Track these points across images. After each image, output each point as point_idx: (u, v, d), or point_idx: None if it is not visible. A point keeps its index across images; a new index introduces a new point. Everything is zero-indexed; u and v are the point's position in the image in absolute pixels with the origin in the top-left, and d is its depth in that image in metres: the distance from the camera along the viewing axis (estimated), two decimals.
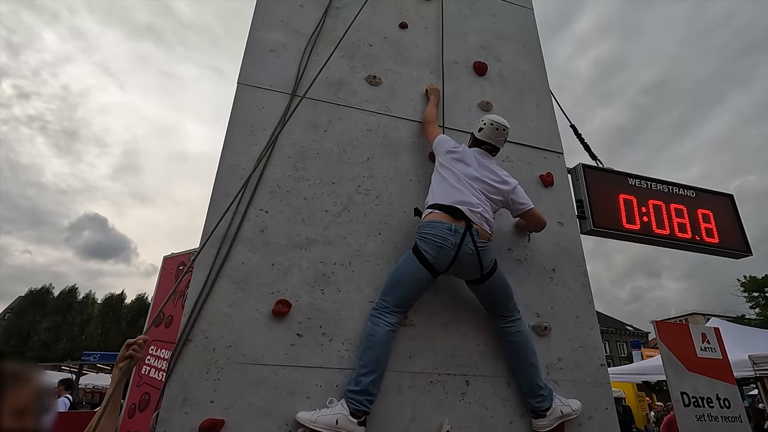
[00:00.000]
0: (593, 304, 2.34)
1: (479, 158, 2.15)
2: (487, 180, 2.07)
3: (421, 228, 1.92)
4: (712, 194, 3.10)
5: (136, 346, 1.29)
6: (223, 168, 2.04)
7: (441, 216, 1.91)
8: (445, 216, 1.90)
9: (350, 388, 1.67)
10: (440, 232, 1.85)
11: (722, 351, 2.67)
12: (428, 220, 1.92)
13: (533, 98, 2.93)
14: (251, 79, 2.30)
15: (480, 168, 2.10)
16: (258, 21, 2.50)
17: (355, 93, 2.48)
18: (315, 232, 2.03)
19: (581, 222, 2.64)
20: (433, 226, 1.88)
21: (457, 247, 1.83)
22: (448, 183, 2.02)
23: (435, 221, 1.89)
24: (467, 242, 1.85)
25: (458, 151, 2.14)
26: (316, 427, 1.58)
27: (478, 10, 3.16)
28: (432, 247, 1.83)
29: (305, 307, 1.86)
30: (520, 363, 1.93)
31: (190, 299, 1.73)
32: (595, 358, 2.17)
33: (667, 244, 2.81)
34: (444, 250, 1.82)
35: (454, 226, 1.86)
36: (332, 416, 1.59)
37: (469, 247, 1.85)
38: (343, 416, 1.59)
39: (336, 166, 2.22)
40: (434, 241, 1.83)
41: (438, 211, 1.93)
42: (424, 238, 1.86)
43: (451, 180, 2.03)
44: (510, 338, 1.96)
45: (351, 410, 1.61)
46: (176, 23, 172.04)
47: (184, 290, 4.05)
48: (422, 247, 1.85)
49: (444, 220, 1.88)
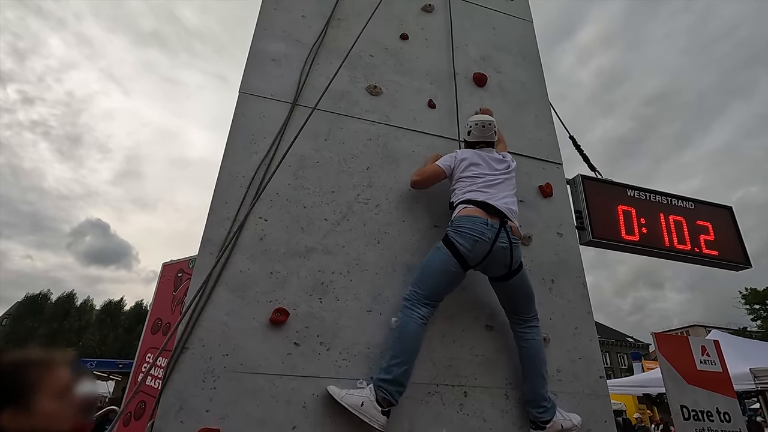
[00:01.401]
0: (592, 315, 2.34)
1: (484, 155, 2.20)
2: (503, 171, 2.15)
3: (457, 221, 1.95)
4: (712, 206, 3.11)
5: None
6: (223, 176, 2.05)
7: (477, 211, 1.95)
8: (481, 211, 1.95)
9: (381, 377, 1.69)
10: (478, 226, 1.89)
11: (722, 364, 2.66)
12: (465, 215, 1.95)
13: (532, 109, 2.95)
14: (253, 89, 2.32)
15: (492, 163, 2.17)
16: (260, 31, 2.53)
17: (356, 103, 2.50)
18: (314, 241, 2.03)
19: (580, 233, 2.65)
20: (471, 220, 1.91)
21: (492, 242, 1.87)
22: (475, 185, 2.07)
23: (472, 215, 1.93)
24: (502, 237, 1.90)
25: (465, 156, 2.18)
26: (342, 403, 1.65)
27: (478, 22, 3.20)
28: (468, 240, 1.86)
29: (303, 316, 1.85)
30: (530, 371, 1.92)
31: (188, 307, 1.73)
32: (594, 370, 2.15)
33: (667, 255, 2.81)
34: (480, 245, 1.87)
35: (490, 222, 1.92)
36: (359, 398, 1.65)
37: (504, 242, 1.90)
38: (369, 401, 1.64)
39: (336, 175, 2.23)
40: (471, 235, 1.87)
41: (472, 206, 1.98)
42: (460, 232, 1.89)
43: (477, 183, 2.07)
44: (524, 344, 1.95)
45: (378, 398, 1.65)
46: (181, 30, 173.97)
47: (183, 297, 4.05)
48: (457, 239, 1.88)
49: (480, 215, 1.93)
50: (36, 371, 0.82)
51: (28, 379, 0.80)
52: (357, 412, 1.62)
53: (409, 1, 3.08)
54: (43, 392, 0.80)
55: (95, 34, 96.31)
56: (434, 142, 2.54)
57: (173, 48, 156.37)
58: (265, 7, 2.63)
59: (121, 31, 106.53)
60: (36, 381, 0.81)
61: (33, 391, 0.79)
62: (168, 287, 4.07)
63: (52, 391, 0.81)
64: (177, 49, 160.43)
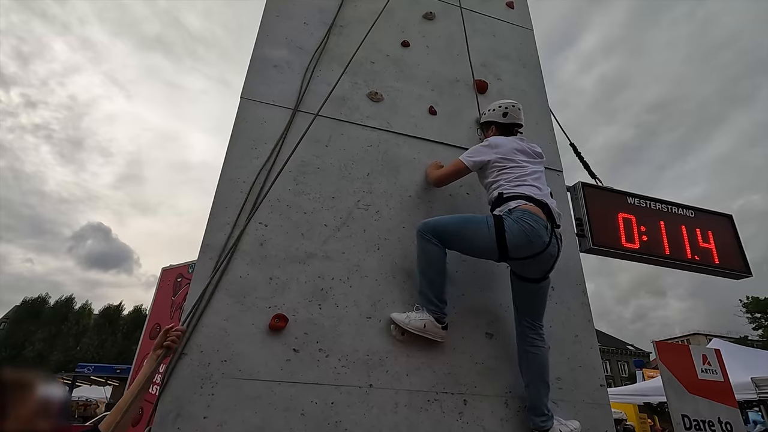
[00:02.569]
0: (593, 323, 2.33)
1: (524, 144, 2.14)
2: (539, 162, 2.13)
3: (520, 214, 1.85)
4: (712, 214, 3.10)
5: (174, 337, 1.28)
6: (223, 181, 2.06)
7: (538, 211, 1.87)
8: (541, 212, 1.87)
9: (426, 304, 1.88)
10: (540, 228, 1.82)
11: (723, 373, 2.64)
12: (529, 210, 1.86)
13: (533, 117, 2.95)
14: (254, 94, 2.33)
15: (531, 153, 2.13)
16: (262, 38, 2.55)
17: (357, 109, 2.51)
18: (314, 247, 2.03)
19: (580, 240, 2.64)
20: (534, 219, 1.83)
21: (545, 247, 1.82)
22: (525, 178, 1.99)
23: (536, 215, 1.85)
24: (554, 244, 1.86)
25: (503, 144, 2.09)
26: (408, 328, 1.85)
27: (478, 30, 3.22)
28: (524, 237, 1.79)
29: (302, 322, 1.85)
30: (536, 378, 1.88)
31: (186, 312, 1.72)
32: (594, 378, 2.14)
33: (667, 263, 2.80)
34: (533, 246, 1.81)
35: (548, 225, 1.86)
36: (421, 321, 1.85)
37: (554, 249, 1.87)
38: (430, 321, 1.85)
39: (336, 181, 2.24)
40: (529, 234, 1.79)
41: (533, 204, 1.89)
42: (520, 224, 1.80)
43: (526, 176, 2.00)
44: (534, 350, 1.92)
45: (434, 317, 1.85)
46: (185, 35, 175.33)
47: (182, 303, 4.04)
48: (511, 229, 1.80)
49: (542, 217, 1.86)
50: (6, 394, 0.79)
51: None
52: (422, 333, 1.85)
53: (411, 9, 3.10)
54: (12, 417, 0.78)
55: (99, 39, 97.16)
56: (435, 148, 2.54)
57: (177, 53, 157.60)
58: (267, 14, 2.65)
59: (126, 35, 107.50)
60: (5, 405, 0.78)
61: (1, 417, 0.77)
62: (167, 292, 4.06)
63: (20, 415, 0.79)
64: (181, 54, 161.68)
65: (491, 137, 2.20)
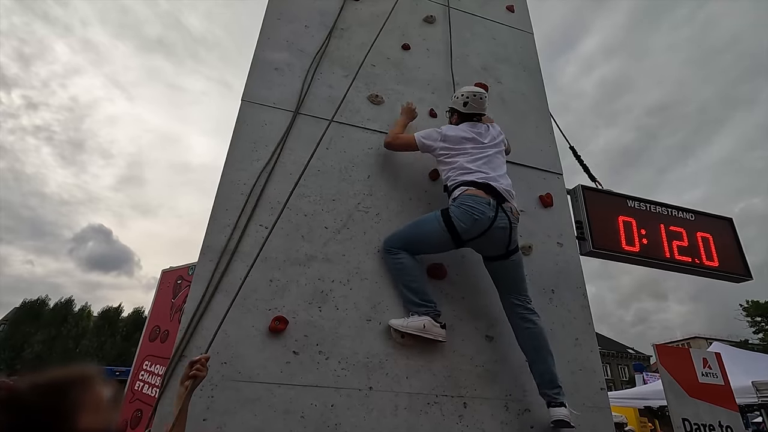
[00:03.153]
0: (593, 326, 2.32)
1: (475, 131, 2.24)
2: (493, 144, 2.21)
3: (461, 198, 1.99)
4: (712, 217, 3.10)
5: (199, 365, 1.27)
6: (224, 183, 2.06)
7: (478, 192, 1.99)
8: (482, 192, 1.99)
9: (415, 309, 1.92)
10: (480, 205, 1.93)
11: (724, 377, 2.63)
12: (468, 194, 1.99)
13: (533, 120, 2.96)
14: (255, 97, 2.34)
15: (484, 140, 2.21)
16: (264, 41, 2.55)
17: (357, 111, 2.52)
18: (314, 249, 2.03)
19: (581, 243, 2.64)
20: (474, 199, 1.95)
21: (492, 221, 1.92)
22: (465, 165, 2.10)
23: (475, 196, 1.97)
24: (501, 218, 1.95)
25: (450, 135, 2.19)
26: (408, 331, 1.88)
27: (478, 33, 3.23)
28: (468, 218, 1.91)
29: (302, 325, 1.84)
30: (539, 351, 1.90)
31: (187, 314, 1.72)
32: (594, 382, 2.13)
33: (667, 267, 2.80)
34: (479, 223, 1.91)
35: (492, 202, 1.96)
36: (420, 321, 1.88)
37: (503, 223, 1.95)
38: (429, 321, 1.88)
39: (337, 183, 2.24)
40: (472, 213, 1.91)
41: (472, 187, 2.01)
42: (462, 208, 1.94)
43: (466, 162, 2.11)
44: (527, 324, 1.94)
45: (432, 317, 1.90)
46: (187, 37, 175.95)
47: (182, 305, 4.04)
48: (456, 214, 1.93)
49: (483, 196, 1.97)
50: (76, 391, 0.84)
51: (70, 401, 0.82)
52: (422, 333, 1.86)
53: (411, 13, 3.12)
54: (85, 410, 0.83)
55: (101, 40, 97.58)
56: None
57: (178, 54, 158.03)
58: (268, 18, 2.66)
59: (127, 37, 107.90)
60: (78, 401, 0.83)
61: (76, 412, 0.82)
62: (167, 294, 4.05)
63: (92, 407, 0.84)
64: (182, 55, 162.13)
65: (445, 126, 2.29)
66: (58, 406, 0.81)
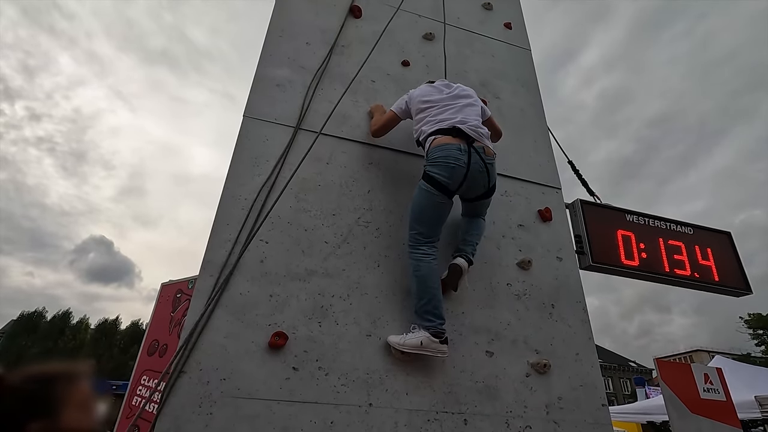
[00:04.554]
0: (593, 341, 2.32)
1: (444, 83, 2.34)
2: (464, 93, 2.25)
3: (431, 153, 2.00)
4: (710, 231, 3.12)
5: None
6: (225, 198, 2.08)
7: (447, 138, 2.00)
8: (449, 138, 2.00)
9: (420, 321, 1.86)
10: (451, 152, 1.94)
11: (726, 392, 2.62)
12: (436, 146, 2.00)
13: (531, 135, 3.00)
14: (257, 113, 2.37)
15: (452, 90, 2.26)
16: (266, 58, 2.59)
17: (358, 126, 2.55)
18: (314, 264, 2.03)
19: (580, 257, 2.65)
20: (443, 149, 1.96)
21: (468, 166, 1.94)
22: (436, 114, 2.13)
23: (443, 144, 1.98)
24: (476, 160, 1.97)
25: (423, 91, 2.27)
26: (404, 349, 1.81)
27: (477, 50, 3.28)
28: (445, 169, 1.93)
29: (302, 340, 1.84)
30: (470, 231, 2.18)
31: (187, 329, 1.72)
32: (596, 398, 2.12)
33: (667, 281, 2.81)
34: (457, 170, 1.93)
35: (462, 146, 1.97)
36: (417, 339, 1.81)
37: (479, 165, 1.97)
38: (427, 338, 1.80)
39: (337, 198, 2.26)
40: (447, 163, 1.93)
41: (440, 135, 2.02)
42: (435, 163, 1.95)
43: (437, 111, 2.14)
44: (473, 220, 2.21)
45: (431, 333, 1.82)
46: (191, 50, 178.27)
47: (181, 318, 4.02)
48: (434, 171, 1.95)
49: (450, 141, 1.98)
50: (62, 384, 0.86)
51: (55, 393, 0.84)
52: (420, 351, 1.80)
53: (411, 30, 3.17)
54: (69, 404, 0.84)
55: (106, 52, 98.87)
56: None
57: (182, 67, 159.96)
58: (270, 35, 2.71)
59: (131, 49, 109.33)
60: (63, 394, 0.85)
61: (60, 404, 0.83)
62: (166, 308, 4.04)
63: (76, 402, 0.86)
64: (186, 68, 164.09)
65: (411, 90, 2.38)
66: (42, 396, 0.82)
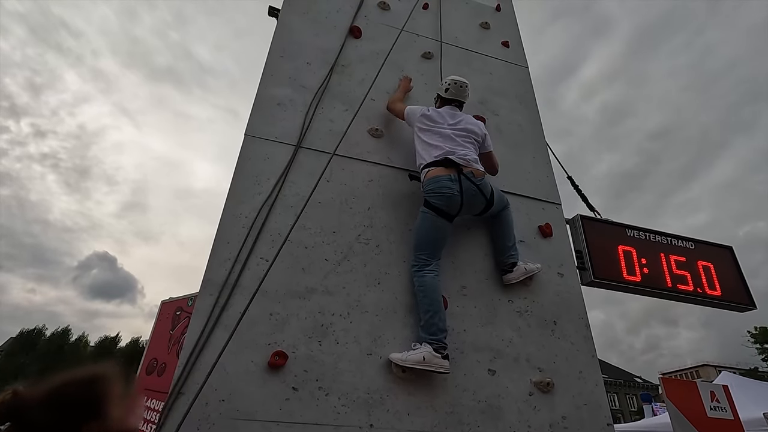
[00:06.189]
0: (597, 358, 2.29)
1: (451, 113, 2.49)
2: (463, 127, 2.42)
3: (426, 186, 2.21)
4: (712, 246, 3.11)
5: None
6: (226, 216, 2.08)
7: (438, 171, 2.21)
8: (441, 169, 2.21)
9: (426, 333, 1.92)
10: (444, 184, 2.16)
11: (733, 411, 2.57)
12: (429, 178, 2.21)
13: (530, 151, 3.02)
14: (258, 132, 2.39)
15: (454, 121, 2.45)
16: (267, 78, 2.64)
17: (357, 144, 2.57)
18: (314, 281, 2.03)
19: (581, 273, 2.64)
20: (435, 181, 2.18)
21: (461, 193, 2.15)
22: (432, 142, 2.34)
23: (435, 177, 2.19)
24: (467, 185, 2.18)
25: (429, 114, 2.46)
26: (407, 365, 1.84)
27: (475, 68, 3.33)
28: (442, 198, 2.14)
29: (302, 359, 1.82)
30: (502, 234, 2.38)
31: (186, 349, 1.70)
32: (600, 417, 2.08)
33: (670, 296, 2.79)
34: (453, 198, 2.14)
35: (452, 176, 2.18)
36: (419, 354, 1.85)
37: (471, 188, 2.19)
38: (429, 353, 1.85)
39: (337, 215, 2.26)
40: (442, 193, 2.14)
41: (433, 167, 2.23)
42: (432, 193, 2.17)
43: (434, 139, 2.35)
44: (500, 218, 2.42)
45: (434, 348, 1.87)
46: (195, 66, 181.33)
47: (180, 337, 3.98)
48: (434, 201, 2.15)
49: (442, 174, 2.19)
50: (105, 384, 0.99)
51: (101, 392, 0.98)
52: (423, 366, 1.82)
53: (410, 49, 3.23)
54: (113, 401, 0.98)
55: (111, 70, 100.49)
56: None
57: (187, 83, 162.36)
58: (272, 55, 2.76)
59: (137, 66, 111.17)
60: (107, 393, 0.98)
61: (106, 402, 0.97)
62: (166, 326, 4.01)
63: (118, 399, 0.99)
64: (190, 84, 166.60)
65: (431, 107, 2.56)
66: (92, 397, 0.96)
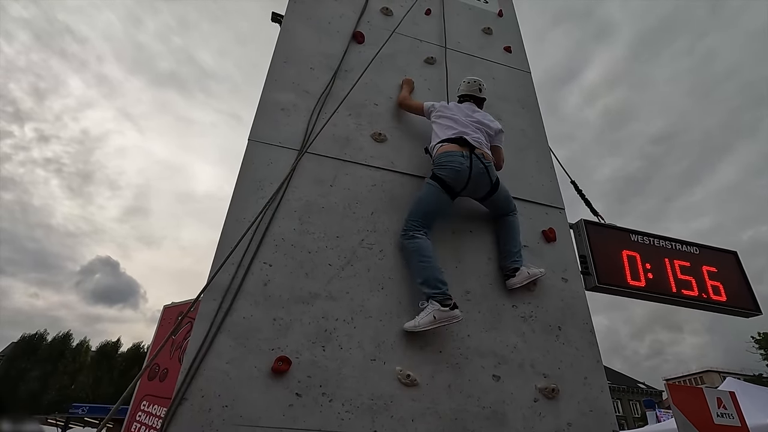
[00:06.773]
0: (602, 364, 2.27)
1: (470, 107, 2.65)
2: (477, 119, 2.54)
3: (437, 157, 2.32)
4: (716, 251, 3.09)
5: None
6: (229, 220, 2.08)
7: (452, 146, 2.32)
8: (455, 146, 2.32)
9: (427, 290, 1.97)
10: (455, 158, 2.26)
11: (740, 418, 2.53)
12: (442, 152, 2.32)
13: (533, 155, 3.02)
14: (262, 137, 2.40)
15: (470, 112, 2.59)
16: (271, 83, 2.65)
17: (361, 149, 2.57)
18: (318, 287, 2.02)
19: (585, 278, 2.62)
20: (448, 155, 2.28)
21: (470, 169, 2.23)
22: (448, 124, 2.45)
23: (448, 151, 2.30)
24: (476, 163, 2.26)
25: (449, 106, 2.60)
26: (420, 330, 1.91)
27: (478, 73, 3.33)
28: (450, 171, 2.22)
29: (306, 365, 1.81)
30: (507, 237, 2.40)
31: (189, 355, 1.70)
32: (606, 424, 2.06)
33: (674, 302, 2.76)
34: (461, 173, 2.22)
35: (464, 153, 2.28)
36: (429, 315, 1.91)
37: (480, 167, 2.27)
38: (437, 310, 1.91)
39: (341, 220, 2.26)
40: (452, 167, 2.23)
41: (447, 143, 2.34)
42: (442, 166, 2.25)
43: (450, 123, 2.47)
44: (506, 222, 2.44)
45: (440, 302, 1.92)
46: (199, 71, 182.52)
47: (182, 342, 3.97)
48: (441, 173, 2.23)
49: (455, 149, 2.29)
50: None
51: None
52: (437, 325, 1.90)
53: (412, 54, 3.24)
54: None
55: (115, 75, 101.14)
56: None
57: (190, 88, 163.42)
58: (275, 61, 2.77)
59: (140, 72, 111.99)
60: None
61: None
62: (168, 331, 4.00)
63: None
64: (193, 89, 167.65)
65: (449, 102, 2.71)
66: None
